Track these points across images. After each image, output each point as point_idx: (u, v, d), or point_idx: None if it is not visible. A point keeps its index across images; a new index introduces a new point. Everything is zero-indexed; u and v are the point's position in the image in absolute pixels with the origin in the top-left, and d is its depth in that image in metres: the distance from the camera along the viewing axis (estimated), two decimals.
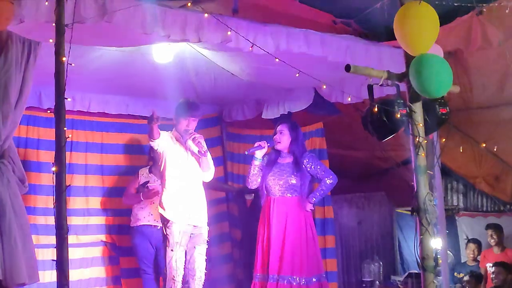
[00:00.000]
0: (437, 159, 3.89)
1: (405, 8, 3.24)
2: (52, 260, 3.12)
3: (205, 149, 4.84)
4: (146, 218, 5.72)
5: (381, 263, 6.91)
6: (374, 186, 7.53)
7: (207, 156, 4.89)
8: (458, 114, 5.90)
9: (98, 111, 6.11)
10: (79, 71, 3.37)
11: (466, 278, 6.19)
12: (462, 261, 6.85)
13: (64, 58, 3.15)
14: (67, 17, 3.25)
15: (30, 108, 5.38)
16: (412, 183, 3.32)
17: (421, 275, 3.27)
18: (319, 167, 5.18)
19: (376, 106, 3.29)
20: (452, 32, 5.15)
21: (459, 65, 5.65)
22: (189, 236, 4.82)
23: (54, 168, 3.12)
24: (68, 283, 3.08)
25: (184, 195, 4.82)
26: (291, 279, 4.97)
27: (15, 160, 4.30)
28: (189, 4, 3.98)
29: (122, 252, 6.12)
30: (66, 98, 3.18)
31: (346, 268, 7.03)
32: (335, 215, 6.32)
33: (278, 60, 4.07)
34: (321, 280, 5.11)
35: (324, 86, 5.34)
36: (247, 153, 5.30)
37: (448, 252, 6.17)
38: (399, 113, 3.25)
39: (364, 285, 6.82)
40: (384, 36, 4.99)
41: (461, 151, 6.15)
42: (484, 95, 6.10)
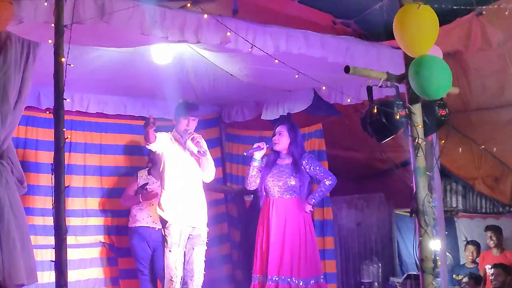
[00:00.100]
0: (436, 161, 3.90)
1: (405, 9, 3.24)
2: (51, 261, 3.12)
3: (204, 149, 4.82)
4: (145, 219, 5.71)
5: (380, 264, 6.90)
6: (373, 188, 7.53)
7: (207, 156, 4.87)
8: (458, 116, 5.90)
9: (97, 112, 6.11)
10: (78, 72, 3.35)
11: (465, 280, 6.19)
12: (461, 263, 6.85)
13: (63, 59, 3.15)
14: (66, 17, 3.24)
15: (29, 108, 5.38)
16: (411, 184, 3.32)
17: (420, 276, 3.27)
18: (318, 168, 5.17)
19: (376, 108, 3.29)
20: (452, 32, 5.15)
21: (459, 66, 5.66)
22: (188, 237, 4.80)
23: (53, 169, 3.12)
24: (66, 284, 3.07)
25: (184, 195, 4.80)
26: (290, 281, 4.96)
27: (13, 161, 4.30)
28: (189, 4, 3.98)
29: (121, 253, 6.12)
30: (65, 99, 3.18)
31: (345, 269, 7.02)
32: (334, 216, 6.31)
33: (277, 61, 4.06)
34: (320, 281, 5.11)
35: (324, 88, 5.34)
36: (246, 154, 5.29)
37: (447, 253, 6.17)
38: (398, 115, 3.25)
39: (363, 286, 6.82)
40: (383, 37, 4.98)
41: (460, 152, 6.15)
42: (484, 97, 6.10)
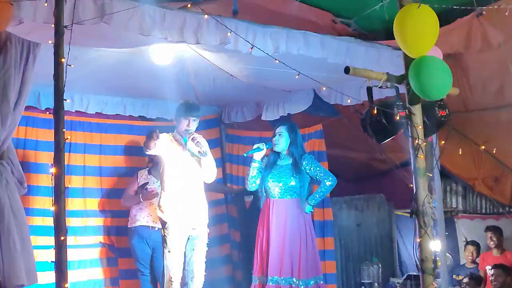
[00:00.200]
0: (436, 161, 3.90)
1: (405, 10, 3.24)
2: (51, 261, 3.11)
3: (204, 149, 4.81)
4: (145, 219, 5.72)
5: (380, 265, 6.90)
6: (373, 188, 7.53)
7: (208, 156, 4.86)
8: (458, 116, 5.89)
9: (96, 112, 6.11)
10: (78, 72, 3.34)
11: (465, 280, 6.18)
12: (461, 263, 6.85)
13: (63, 60, 3.15)
14: (66, 18, 3.24)
15: (29, 109, 5.38)
16: (411, 185, 3.32)
17: (420, 277, 3.27)
18: (318, 168, 5.16)
19: (376, 108, 3.29)
20: (452, 34, 5.14)
21: (459, 67, 5.65)
22: (188, 238, 4.80)
23: (53, 170, 3.12)
24: (67, 284, 3.07)
25: (183, 196, 4.79)
26: (290, 281, 4.97)
27: (14, 161, 4.29)
28: (189, 5, 3.97)
29: (121, 253, 6.12)
30: (65, 100, 3.17)
31: (345, 270, 7.02)
32: (334, 217, 6.31)
33: (278, 61, 4.06)
34: (319, 282, 5.10)
35: (324, 88, 5.33)
36: (245, 155, 5.29)
37: (447, 254, 6.16)
38: (398, 115, 3.25)
39: (363, 287, 6.81)
40: (383, 37, 4.98)
41: (460, 153, 6.14)
42: (484, 97, 6.10)
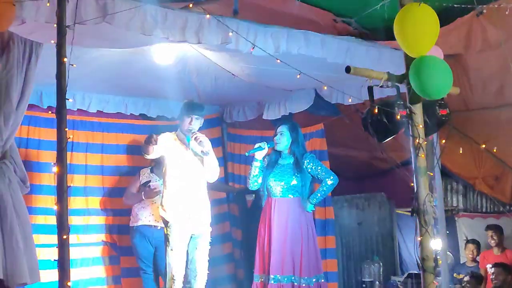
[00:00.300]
0: (437, 160, 3.90)
1: (405, 10, 3.25)
2: (54, 259, 3.13)
3: (207, 149, 4.82)
4: (147, 218, 5.73)
5: (381, 263, 6.91)
6: (374, 187, 7.53)
7: (210, 156, 4.87)
8: (458, 115, 5.89)
9: (98, 110, 6.11)
10: (80, 71, 3.36)
11: (466, 279, 6.18)
12: (461, 262, 6.86)
13: (65, 59, 3.16)
14: (68, 18, 3.25)
15: (31, 108, 5.39)
16: (412, 184, 3.33)
17: (421, 275, 3.28)
18: (320, 167, 5.17)
19: (376, 108, 3.30)
20: (452, 34, 5.13)
21: (459, 66, 5.65)
22: (191, 237, 4.81)
23: (55, 169, 3.13)
24: (69, 283, 3.09)
25: (185, 195, 4.81)
26: (292, 279, 4.98)
27: (16, 161, 4.32)
28: (191, 5, 3.99)
29: (123, 251, 6.14)
30: (67, 99, 3.19)
31: (346, 268, 7.03)
32: (335, 216, 6.32)
33: (279, 61, 4.07)
34: (320, 280, 5.11)
35: (325, 87, 5.34)
36: (247, 155, 5.30)
37: (448, 252, 6.17)
38: (399, 115, 3.26)
39: (364, 285, 6.81)
40: (384, 36, 4.98)
41: (460, 152, 6.14)
42: (484, 96, 6.10)
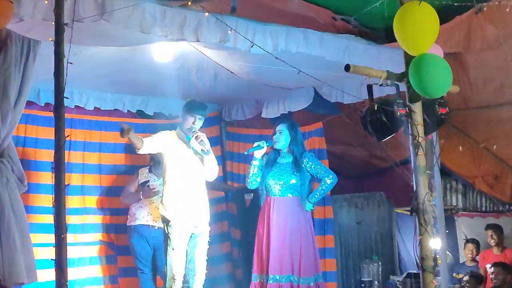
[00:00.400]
0: (436, 159, 3.90)
1: (405, 8, 3.24)
2: (51, 259, 3.11)
3: (208, 148, 4.81)
4: (145, 218, 5.71)
5: (380, 263, 6.90)
6: (374, 186, 7.53)
7: (210, 155, 4.86)
8: (458, 114, 5.90)
9: (96, 107, 6.08)
10: (77, 68, 3.34)
11: (466, 278, 6.18)
12: (461, 262, 6.85)
13: (64, 58, 3.14)
14: (66, 16, 3.23)
15: (29, 107, 5.36)
16: (411, 183, 3.32)
17: (420, 275, 3.27)
18: (319, 166, 5.16)
19: (376, 106, 3.29)
20: (451, 33, 5.12)
21: (459, 64, 5.65)
22: (190, 236, 4.80)
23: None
24: (66, 282, 3.07)
25: (185, 194, 4.79)
26: (291, 279, 4.97)
27: (14, 159, 4.29)
28: (189, 3, 3.97)
29: (120, 251, 6.11)
30: (66, 97, 3.17)
31: (345, 268, 7.02)
32: (334, 215, 6.31)
33: (277, 58, 4.06)
34: (319, 280, 5.10)
35: (325, 84, 5.32)
36: (246, 154, 5.28)
37: (447, 252, 6.16)
38: (398, 113, 3.25)
39: (363, 285, 6.81)
40: (384, 34, 4.97)
41: (460, 151, 6.14)
42: (484, 95, 6.09)
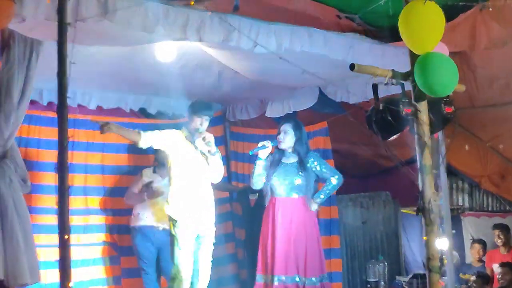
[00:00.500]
0: (442, 158, 3.88)
1: (410, 6, 3.21)
2: (55, 260, 3.10)
3: (214, 149, 4.79)
4: (149, 218, 5.69)
5: (386, 263, 6.86)
6: (379, 186, 7.50)
7: (216, 156, 4.84)
8: (464, 113, 5.86)
9: (98, 106, 6.06)
10: (80, 67, 3.32)
11: (472, 279, 6.14)
12: (467, 262, 6.81)
13: (67, 58, 3.13)
14: (68, 15, 3.22)
15: (32, 107, 5.33)
16: (417, 182, 3.29)
17: (427, 275, 3.24)
18: (324, 166, 5.14)
19: (381, 105, 3.27)
20: (456, 32, 5.09)
21: (465, 63, 5.61)
22: (195, 236, 4.78)
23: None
24: (70, 283, 3.06)
25: (190, 194, 4.77)
26: (296, 280, 4.95)
27: (17, 160, 4.30)
28: (192, 2, 3.96)
29: (123, 252, 6.11)
30: (68, 97, 3.15)
31: (351, 268, 6.99)
32: (340, 215, 6.28)
33: (281, 58, 4.03)
34: (324, 280, 5.08)
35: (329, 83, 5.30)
36: (251, 154, 5.25)
37: (454, 252, 6.13)
38: (404, 112, 3.22)
39: (369, 285, 6.78)
40: (389, 33, 4.94)
41: (466, 150, 6.11)
42: (490, 94, 6.05)
